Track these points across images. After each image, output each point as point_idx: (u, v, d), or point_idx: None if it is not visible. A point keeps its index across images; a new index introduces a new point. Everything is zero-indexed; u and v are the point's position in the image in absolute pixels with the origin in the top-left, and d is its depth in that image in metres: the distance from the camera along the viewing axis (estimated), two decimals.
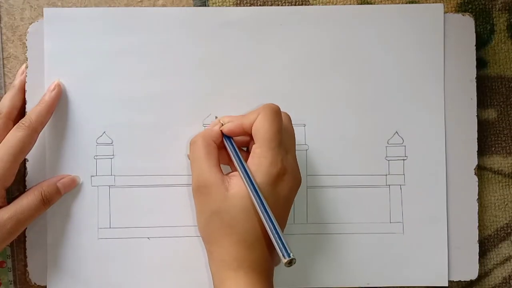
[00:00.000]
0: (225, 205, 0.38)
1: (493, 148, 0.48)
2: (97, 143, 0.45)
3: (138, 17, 0.45)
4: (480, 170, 0.47)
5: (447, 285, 0.46)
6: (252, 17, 0.46)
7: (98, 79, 0.45)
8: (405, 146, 0.46)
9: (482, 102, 0.47)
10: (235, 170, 0.40)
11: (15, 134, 0.42)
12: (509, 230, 0.47)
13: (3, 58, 0.46)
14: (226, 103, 0.46)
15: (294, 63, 0.46)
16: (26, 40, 0.45)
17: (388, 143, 0.46)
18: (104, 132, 0.45)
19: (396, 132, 0.46)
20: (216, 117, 0.45)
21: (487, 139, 0.47)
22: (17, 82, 0.45)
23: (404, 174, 0.46)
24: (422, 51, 0.46)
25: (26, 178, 0.45)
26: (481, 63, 0.47)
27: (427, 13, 0.46)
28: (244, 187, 0.38)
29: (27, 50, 0.45)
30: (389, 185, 0.46)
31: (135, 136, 0.45)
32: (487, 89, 0.48)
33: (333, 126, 0.46)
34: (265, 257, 0.39)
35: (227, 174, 0.40)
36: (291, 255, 0.36)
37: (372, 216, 0.46)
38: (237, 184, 0.39)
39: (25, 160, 0.45)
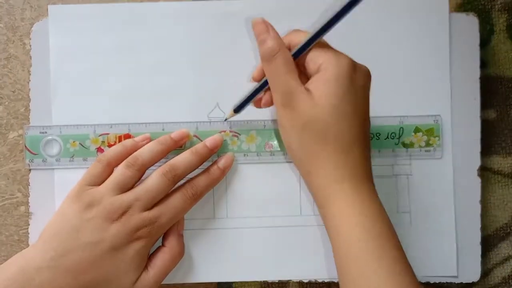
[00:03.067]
0: (315, 111, 0.37)
1: (493, 148, 0.48)
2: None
3: (142, 12, 0.45)
4: (480, 170, 0.47)
5: (456, 274, 0.46)
6: (253, 8, 0.46)
7: (103, 75, 0.45)
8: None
9: (482, 102, 0.47)
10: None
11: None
12: (509, 230, 0.48)
13: (3, 58, 0.46)
14: (231, 96, 0.45)
15: None
16: (30, 39, 0.45)
17: None
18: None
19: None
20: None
21: (487, 139, 0.47)
22: (163, 138, 0.43)
23: (410, 164, 0.46)
24: (428, 43, 0.46)
25: (29, 176, 0.45)
26: (481, 63, 0.47)
27: (432, 7, 0.46)
28: (329, 85, 0.37)
29: (30, 49, 0.45)
30: (396, 175, 0.46)
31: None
32: (487, 89, 0.47)
33: None
34: (364, 159, 0.38)
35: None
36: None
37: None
38: (320, 85, 0.38)
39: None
